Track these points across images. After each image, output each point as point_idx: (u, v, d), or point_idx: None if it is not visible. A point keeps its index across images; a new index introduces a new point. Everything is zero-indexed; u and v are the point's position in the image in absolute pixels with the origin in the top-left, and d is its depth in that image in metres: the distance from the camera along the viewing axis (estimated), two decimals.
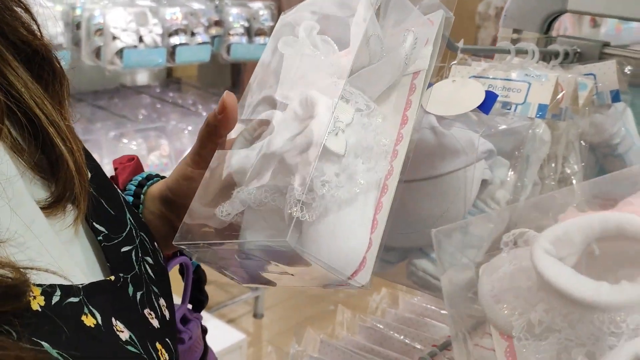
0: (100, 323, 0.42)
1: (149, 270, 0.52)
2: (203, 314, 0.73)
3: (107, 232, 0.50)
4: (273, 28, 0.62)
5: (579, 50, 0.98)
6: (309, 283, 0.55)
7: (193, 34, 2.43)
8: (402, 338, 0.91)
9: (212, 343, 0.76)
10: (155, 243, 0.57)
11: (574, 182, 0.83)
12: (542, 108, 0.77)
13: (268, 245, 0.51)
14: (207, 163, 0.57)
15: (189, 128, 2.61)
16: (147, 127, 2.53)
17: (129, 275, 0.48)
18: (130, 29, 2.21)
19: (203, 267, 0.73)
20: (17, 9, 0.47)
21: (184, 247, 0.54)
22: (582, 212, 0.47)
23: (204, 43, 2.47)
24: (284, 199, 0.50)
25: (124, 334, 0.43)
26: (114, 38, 2.18)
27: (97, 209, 0.50)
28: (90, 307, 0.42)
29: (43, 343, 0.37)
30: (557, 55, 0.93)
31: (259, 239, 0.52)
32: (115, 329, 0.43)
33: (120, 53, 2.19)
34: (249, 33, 2.63)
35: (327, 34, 0.58)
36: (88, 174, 0.50)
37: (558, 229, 0.46)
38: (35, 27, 0.49)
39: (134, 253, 0.51)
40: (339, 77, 0.55)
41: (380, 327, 0.94)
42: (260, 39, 2.65)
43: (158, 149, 2.47)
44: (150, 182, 0.68)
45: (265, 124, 0.56)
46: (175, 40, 2.36)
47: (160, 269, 0.55)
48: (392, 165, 0.54)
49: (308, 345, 0.91)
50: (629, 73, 0.94)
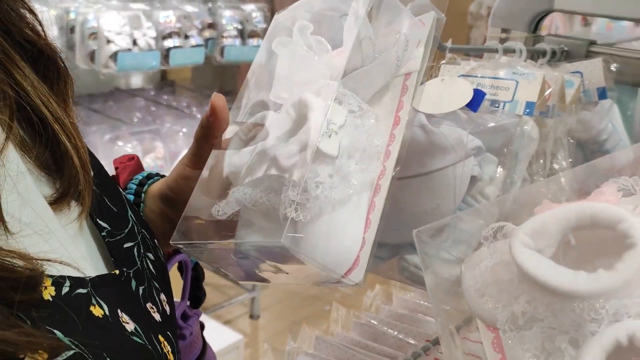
0: (108, 314, 0.43)
1: (150, 266, 0.53)
2: None
3: (110, 228, 0.51)
4: (266, 30, 0.62)
5: (566, 49, 1.00)
6: (304, 281, 0.56)
7: (187, 37, 2.43)
8: (395, 334, 0.92)
9: (209, 344, 0.77)
10: (156, 240, 0.58)
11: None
12: (529, 105, 0.78)
13: (263, 246, 0.52)
14: (204, 163, 0.58)
15: (184, 130, 2.61)
16: (142, 129, 2.53)
17: (132, 271, 0.49)
18: (124, 33, 2.21)
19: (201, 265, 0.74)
20: (22, 11, 0.48)
21: (181, 246, 0.54)
22: (557, 202, 0.48)
23: (198, 45, 2.47)
24: (279, 199, 0.50)
25: (130, 325, 0.44)
26: (108, 41, 2.18)
27: (100, 206, 0.51)
28: (98, 298, 0.43)
29: (56, 331, 0.38)
30: (544, 54, 0.94)
31: (255, 239, 0.52)
32: (122, 320, 0.44)
33: (115, 56, 2.19)
34: (242, 35, 2.64)
35: (320, 34, 0.58)
36: (91, 172, 0.51)
37: (535, 222, 0.46)
38: (40, 28, 0.49)
39: (136, 249, 0.52)
40: (332, 78, 0.56)
41: (375, 323, 0.95)
42: (254, 41, 2.65)
43: (153, 151, 2.47)
44: (151, 181, 0.68)
45: (260, 125, 0.57)
46: (169, 43, 2.36)
47: (161, 266, 0.55)
48: (384, 166, 0.55)
49: (303, 342, 0.91)
50: (615, 70, 0.95)
